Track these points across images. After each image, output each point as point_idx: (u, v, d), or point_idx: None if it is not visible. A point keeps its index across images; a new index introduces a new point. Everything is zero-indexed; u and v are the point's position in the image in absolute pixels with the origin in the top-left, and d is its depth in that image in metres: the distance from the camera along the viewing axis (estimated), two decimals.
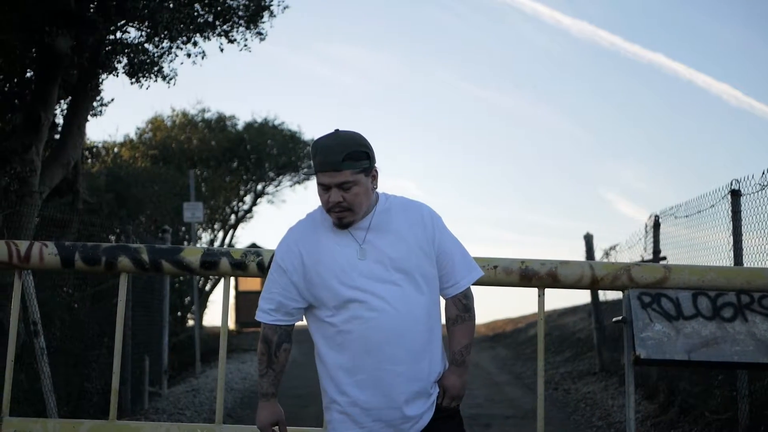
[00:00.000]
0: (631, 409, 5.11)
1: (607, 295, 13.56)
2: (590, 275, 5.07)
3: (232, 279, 25.31)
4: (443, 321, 3.75)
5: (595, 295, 13.82)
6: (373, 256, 3.52)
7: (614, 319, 5.39)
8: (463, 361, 3.70)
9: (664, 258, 9.71)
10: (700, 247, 8.63)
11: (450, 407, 3.65)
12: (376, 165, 3.57)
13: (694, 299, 5.01)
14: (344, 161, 3.42)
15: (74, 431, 5.00)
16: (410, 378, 3.51)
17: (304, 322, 3.71)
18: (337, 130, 3.53)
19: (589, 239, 13.84)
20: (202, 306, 22.45)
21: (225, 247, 21.22)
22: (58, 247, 5.11)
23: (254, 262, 5.07)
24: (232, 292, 26.65)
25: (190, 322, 19.81)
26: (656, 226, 10.08)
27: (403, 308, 3.49)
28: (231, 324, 26.11)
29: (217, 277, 19.99)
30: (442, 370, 3.66)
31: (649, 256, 10.19)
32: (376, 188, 3.61)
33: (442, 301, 3.74)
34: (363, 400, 3.50)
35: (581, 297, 22.96)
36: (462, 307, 3.71)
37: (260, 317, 3.65)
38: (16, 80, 10.77)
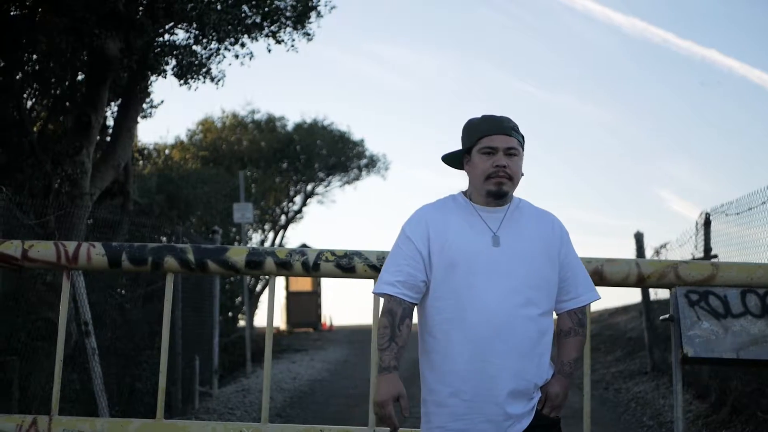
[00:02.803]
0: (679, 407, 5.05)
1: (658, 294, 13.39)
2: (636, 273, 5.00)
3: (283, 279, 25.53)
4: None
5: (645, 294, 13.68)
6: (504, 246, 3.52)
7: (661, 318, 5.34)
8: (570, 373, 3.68)
9: (715, 256, 9.59)
10: (752, 245, 8.51)
11: (549, 416, 3.60)
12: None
13: (743, 297, 4.93)
14: (513, 129, 3.59)
15: (122, 430, 5.04)
16: (515, 375, 3.46)
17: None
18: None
19: (639, 237, 13.69)
20: (253, 306, 22.60)
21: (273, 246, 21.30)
22: (106, 248, 5.16)
23: (299, 262, 5.06)
24: (283, 293, 26.76)
25: (241, 323, 19.94)
26: (707, 223, 9.95)
27: (521, 305, 3.47)
28: (282, 324, 26.21)
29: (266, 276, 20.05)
30: (549, 378, 3.61)
31: (699, 254, 10.06)
32: (524, 175, 3.66)
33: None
34: (465, 391, 3.44)
35: (632, 296, 22.75)
36: (578, 321, 3.71)
37: (386, 289, 3.55)
38: (66, 83, 10.92)
